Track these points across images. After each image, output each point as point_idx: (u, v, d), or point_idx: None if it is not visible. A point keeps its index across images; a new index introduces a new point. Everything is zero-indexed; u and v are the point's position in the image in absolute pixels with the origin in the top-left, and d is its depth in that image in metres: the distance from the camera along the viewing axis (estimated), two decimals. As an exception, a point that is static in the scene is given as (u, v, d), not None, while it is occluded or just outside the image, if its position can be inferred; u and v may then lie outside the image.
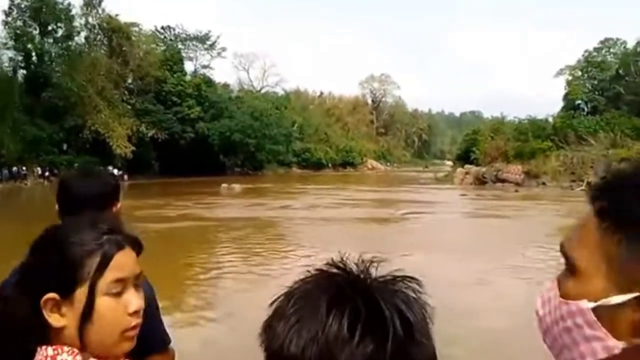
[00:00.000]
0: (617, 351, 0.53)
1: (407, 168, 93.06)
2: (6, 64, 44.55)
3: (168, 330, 1.71)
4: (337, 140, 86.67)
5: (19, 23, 44.78)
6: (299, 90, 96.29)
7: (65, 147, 44.37)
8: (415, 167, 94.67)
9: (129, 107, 49.89)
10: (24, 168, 40.54)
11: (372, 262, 0.58)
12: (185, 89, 54.46)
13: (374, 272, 0.57)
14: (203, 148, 53.35)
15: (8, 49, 44.54)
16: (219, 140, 54.88)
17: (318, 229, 15.93)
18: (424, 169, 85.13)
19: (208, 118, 55.24)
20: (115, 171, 43.57)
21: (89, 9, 51.93)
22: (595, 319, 0.55)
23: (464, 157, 49.34)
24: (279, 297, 0.58)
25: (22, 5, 44.53)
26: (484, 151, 44.04)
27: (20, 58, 45.29)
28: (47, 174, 41.23)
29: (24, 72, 45.81)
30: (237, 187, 34.54)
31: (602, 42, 66.58)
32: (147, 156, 49.62)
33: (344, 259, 0.58)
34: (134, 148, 46.14)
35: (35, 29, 45.19)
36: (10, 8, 44.36)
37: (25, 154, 40.54)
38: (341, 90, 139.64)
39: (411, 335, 0.53)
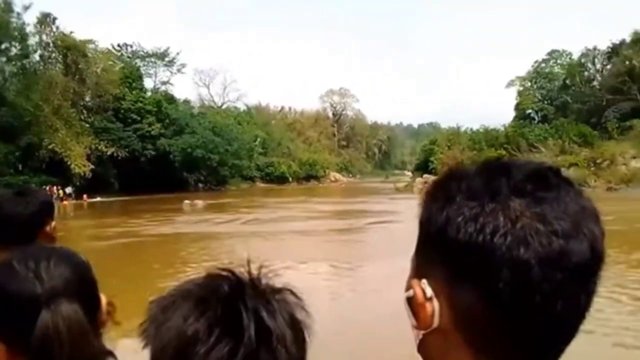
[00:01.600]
0: (420, 337, 0.58)
1: (369, 179, 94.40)
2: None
3: None
4: (299, 153, 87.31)
5: (-31, 42, 43.82)
6: (260, 105, 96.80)
7: (20, 167, 43.36)
8: (376, 178, 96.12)
9: (87, 125, 49.22)
10: (-23, 190, 39.39)
11: (261, 271, 0.61)
12: (145, 106, 54.08)
13: (263, 281, 0.60)
14: (165, 165, 52.98)
15: (-42, 68, 43.49)
16: (180, 157, 54.62)
17: (273, 241, 16.37)
18: (385, 179, 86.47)
19: (169, 134, 54.96)
20: (68, 189, 43.02)
21: (43, 26, 51.15)
22: (409, 309, 0.59)
23: (423, 167, 50.74)
24: (160, 296, 0.61)
25: (-27, 25, 43.58)
26: (441, 161, 45.50)
27: (-29, 78, 44.25)
28: (2, 195, 40.21)
29: (-24, 92, 44.68)
30: (200, 203, 34.60)
31: (549, 54, 69.84)
32: (107, 174, 48.93)
33: (238, 266, 0.61)
34: (92, 167, 45.47)
35: (-13, 48, 44.27)
36: (-40, 27, 43.37)
37: (-22, 176, 39.42)
38: (302, 105, 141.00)
39: (268, 342, 0.56)
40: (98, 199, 43.72)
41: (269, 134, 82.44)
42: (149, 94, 58.61)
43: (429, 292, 0.54)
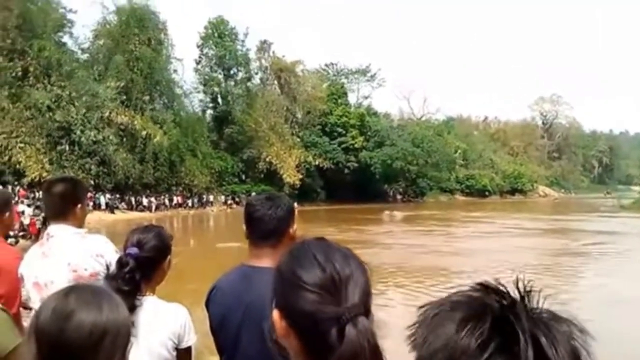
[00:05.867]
0: None
1: (586, 194, 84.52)
2: (197, 106, 51.38)
3: None
4: (503, 165, 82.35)
5: (207, 70, 51.39)
6: (461, 117, 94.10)
7: (244, 177, 49.20)
8: (595, 193, 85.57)
9: (298, 139, 53.57)
10: (210, 196, 45.78)
11: (531, 291, 0.58)
12: (349, 120, 56.79)
13: (533, 303, 0.57)
14: (366, 176, 54.82)
15: (198, 92, 51.41)
16: (381, 168, 55.90)
17: (476, 257, 15.37)
18: (605, 195, 76.50)
19: (370, 147, 56.74)
20: (287, 199, 47.18)
21: (262, 52, 57.60)
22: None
23: (656, 182, 43.32)
24: (430, 303, 0.63)
25: (209, 54, 51.08)
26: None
27: (208, 99, 51.81)
28: (229, 201, 46.01)
29: (211, 112, 52.19)
30: (398, 214, 34.82)
31: None
32: (314, 184, 52.49)
33: (504, 283, 0.59)
34: (301, 177, 49.25)
35: (220, 73, 51.35)
36: (199, 57, 51.35)
37: (212, 184, 45.83)
38: (508, 115, 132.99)
39: None
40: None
41: (470, 145, 79.54)
42: (352, 108, 61.39)
43: None
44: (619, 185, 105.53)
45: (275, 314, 0.94)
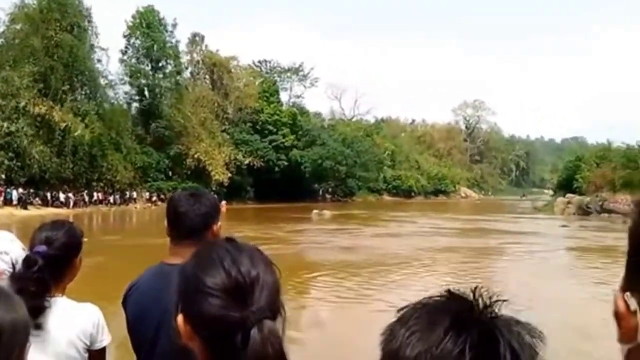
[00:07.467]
0: (624, 352, 0.56)
1: (503, 197, 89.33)
2: (122, 98, 49.27)
3: None
4: (428, 167, 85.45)
5: (134, 61, 49.38)
6: (390, 118, 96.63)
7: (170, 173, 47.76)
8: (512, 196, 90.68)
9: (228, 136, 52.78)
10: (134, 193, 44.10)
11: (497, 299, 0.62)
12: (281, 119, 56.70)
13: (496, 309, 0.61)
14: (296, 175, 54.96)
15: (124, 84, 49.28)
16: (311, 168, 56.27)
17: (401, 257, 15.85)
18: (522, 197, 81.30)
19: (301, 146, 56.97)
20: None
21: (194, 45, 56.26)
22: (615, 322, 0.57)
23: (566, 186, 46.60)
24: (407, 306, 0.64)
25: (136, 44, 49.11)
26: (588, 179, 41.40)
27: (134, 92, 49.79)
28: (154, 198, 44.53)
29: (137, 105, 50.22)
30: (327, 213, 35.20)
31: None
32: (243, 183, 51.94)
33: (470, 290, 0.62)
34: (230, 175, 48.57)
35: (148, 65, 49.51)
36: (126, 47, 49.19)
37: (136, 180, 44.15)
38: (434, 118, 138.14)
39: None
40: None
41: (397, 146, 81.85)
42: (284, 107, 61.35)
43: (633, 305, 0.52)
44: (534, 188, 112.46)
45: (180, 318, 0.93)
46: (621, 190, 35.68)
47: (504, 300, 0.61)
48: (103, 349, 1.91)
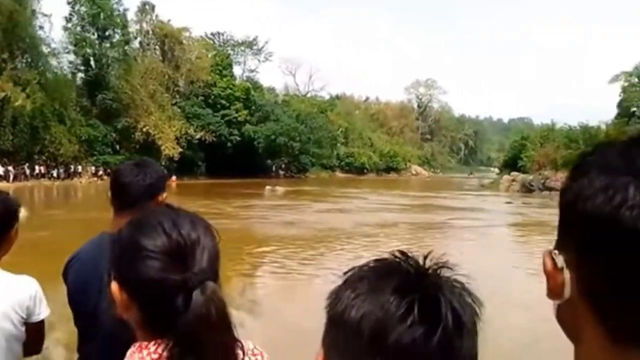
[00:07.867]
0: (555, 307, 0.59)
1: (452, 174, 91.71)
2: (66, 68, 46.98)
3: None
4: (381, 145, 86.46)
5: (79, 29, 47.01)
6: (344, 95, 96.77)
7: (117, 147, 46.25)
8: (460, 173, 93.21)
9: (179, 110, 51.47)
10: (79, 167, 42.52)
11: (441, 263, 0.64)
12: (234, 93, 55.71)
13: (439, 271, 0.63)
14: (249, 150, 54.43)
15: (68, 53, 46.89)
16: (264, 143, 55.83)
17: (349, 231, 16.09)
18: (469, 175, 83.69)
19: (254, 121, 56.32)
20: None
21: (144, 14, 54.13)
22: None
23: (511, 165, 48.29)
24: (352, 269, 0.65)
25: (81, 12, 46.69)
26: (532, 158, 43.01)
27: (79, 62, 47.53)
28: (100, 173, 43.11)
29: (82, 75, 48.03)
30: (280, 189, 35.17)
31: (661, 47, 63.74)
32: (194, 157, 51.01)
33: (415, 254, 0.64)
34: (181, 149, 47.55)
35: (94, 34, 47.28)
36: (70, 14, 46.65)
37: (81, 154, 42.54)
38: (388, 96, 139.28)
39: (459, 331, 0.59)
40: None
41: (351, 123, 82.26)
42: (237, 81, 60.26)
43: (560, 262, 0.55)
44: (481, 166, 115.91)
45: (115, 286, 0.91)
46: (562, 169, 37.26)
47: (449, 268, 0.63)
48: (41, 322, 1.86)
